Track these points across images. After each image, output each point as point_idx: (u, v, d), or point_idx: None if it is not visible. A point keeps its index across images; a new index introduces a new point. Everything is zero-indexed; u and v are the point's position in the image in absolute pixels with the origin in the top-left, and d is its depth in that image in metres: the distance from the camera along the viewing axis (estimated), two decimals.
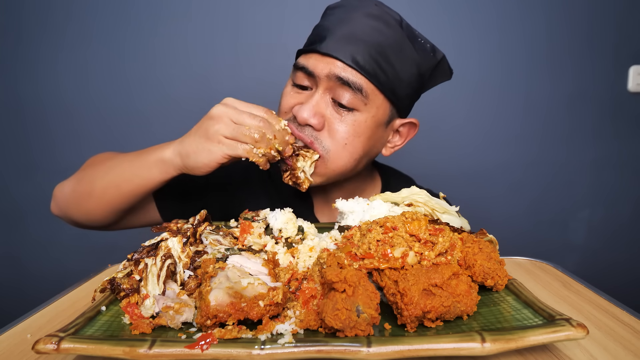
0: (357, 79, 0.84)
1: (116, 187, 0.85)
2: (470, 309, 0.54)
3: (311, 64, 0.86)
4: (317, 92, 0.87)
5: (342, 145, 0.87)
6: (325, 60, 0.84)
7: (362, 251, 0.58)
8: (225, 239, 0.68)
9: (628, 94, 1.83)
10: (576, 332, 0.47)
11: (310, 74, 0.86)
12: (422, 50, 0.90)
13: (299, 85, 0.90)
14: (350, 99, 0.85)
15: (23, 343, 0.57)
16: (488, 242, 0.63)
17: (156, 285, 0.58)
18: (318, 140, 0.87)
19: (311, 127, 0.87)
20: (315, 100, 0.86)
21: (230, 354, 0.45)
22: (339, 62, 0.83)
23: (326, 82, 0.85)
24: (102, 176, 0.88)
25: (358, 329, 0.48)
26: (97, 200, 0.88)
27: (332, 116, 0.87)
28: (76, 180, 0.92)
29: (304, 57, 0.89)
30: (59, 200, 0.94)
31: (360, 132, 0.88)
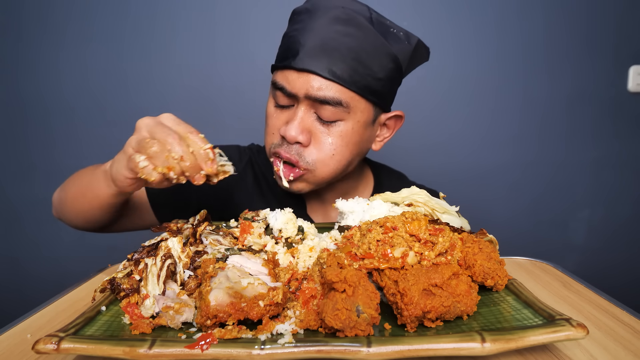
0: (334, 94, 0.83)
1: (82, 197, 0.84)
2: (470, 309, 0.54)
3: (289, 84, 0.85)
4: (299, 109, 0.87)
5: (330, 156, 0.89)
6: (301, 77, 0.83)
7: (362, 251, 0.58)
8: (225, 239, 0.68)
9: (628, 94, 1.83)
10: (576, 332, 0.47)
11: (290, 94, 0.86)
12: (396, 42, 0.88)
13: (280, 105, 0.90)
14: (332, 113, 0.85)
15: (23, 343, 0.57)
16: (488, 242, 0.63)
17: (156, 285, 0.58)
18: (302, 157, 0.88)
19: (299, 145, 0.88)
20: (299, 118, 0.87)
21: (230, 354, 0.45)
22: (315, 76, 0.82)
23: (306, 100, 0.86)
24: (71, 187, 0.90)
25: (358, 329, 0.48)
26: (70, 208, 0.90)
27: (318, 130, 0.88)
28: (60, 190, 0.95)
29: (280, 75, 0.88)
30: (54, 205, 0.98)
31: (347, 141, 0.89)
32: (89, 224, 0.91)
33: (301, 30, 0.85)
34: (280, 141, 0.90)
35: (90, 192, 0.81)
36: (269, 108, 0.94)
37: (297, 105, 0.87)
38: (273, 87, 0.90)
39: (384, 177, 1.16)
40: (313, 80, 0.83)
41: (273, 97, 0.92)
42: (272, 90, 0.91)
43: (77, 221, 0.92)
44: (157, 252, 0.62)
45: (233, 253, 0.62)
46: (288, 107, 0.90)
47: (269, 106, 0.94)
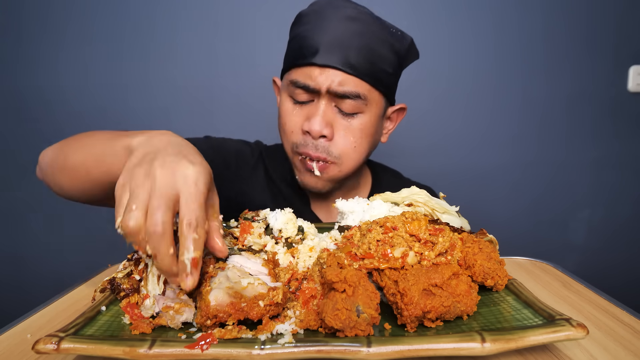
0: (354, 88, 0.89)
1: (85, 169, 0.75)
2: (470, 309, 0.54)
3: (311, 80, 0.89)
4: (321, 103, 0.90)
5: (352, 148, 0.94)
6: (323, 72, 0.88)
7: (362, 251, 0.58)
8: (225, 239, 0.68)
9: (628, 94, 1.83)
10: (576, 332, 0.47)
11: (311, 90, 0.89)
12: (395, 39, 0.93)
13: (300, 101, 0.93)
14: (353, 106, 0.90)
15: (23, 343, 0.57)
16: (488, 242, 0.63)
17: (156, 285, 0.58)
18: (329, 152, 0.92)
19: (324, 138, 0.91)
20: (322, 112, 0.90)
21: (230, 354, 0.45)
22: (337, 70, 0.87)
23: (327, 95, 0.90)
24: (75, 152, 0.78)
25: (358, 329, 0.48)
26: (69, 176, 0.78)
27: (340, 124, 0.92)
28: (55, 150, 0.82)
29: (299, 72, 0.90)
30: (41, 166, 0.86)
31: (366, 133, 0.94)
32: (85, 196, 0.81)
33: (314, 29, 0.89)
34: (303, 139, 0.93)
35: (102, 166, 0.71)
36: (286, 107, 0.95)
37: (318, 100, 0.91)
38: (291, 85, 0.92)
39: (380, 174, 1.20)
40: (334, 74, 0.87)
41: (290, 95, 0.94)
42: (289, 88, 0.93)
43: (72, 191, 0.81)
44: None
45: (233, 253, 0.62)
46: (307, 103, 0.92)
47: (285, 105, 0.95)
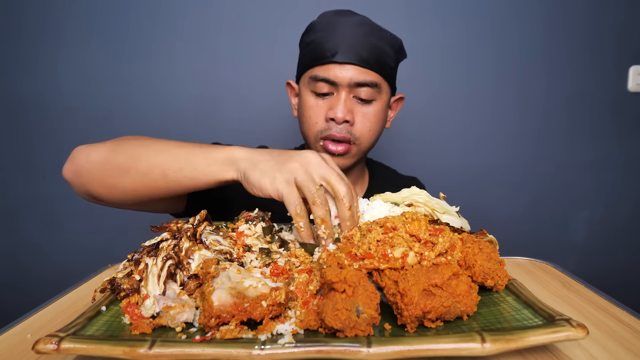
0: (371, 77, 1.04)
1: (163, 172, 0.78)
2: (471, 309, 0.54)
3: (332, 75, 1.03)
4: (341, 94, 1.05)
5: (367, 131, 1.09)
6: (343, 68, 1.03)
7: (362, 251, 0.58)
8: (225, 240, 0.68)
9: (628, 94, 1.83)
10: (576, 333, 0.47)
11: (332, 82, 1.04)
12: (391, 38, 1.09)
13: (320, 93, 1.06)
14: (370, 93, 1.05)
15: (23, 343, 0.57)
16: (488, 243, 0.63)
17: (156, 286, 0.58)
18: (352, 134, 1.07)
19: (346, 123, 1.05)
20: (343, 101, 1.04)
21: (230, 354, 0.45)
22: (355, 66, 1.03)
23: (347, 87, 1.04)
24: (150, 156, 0.80)
25: (358, 329, 0.48)
26: (134, 179, 0.80)
27: (358, 111, 1.07)
28: (110, 151, 0.83)
29: (321, 69, 1.05)
30: (79, 167, 0.84)
31: (379, 118, 1.10)
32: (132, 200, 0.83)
33: (330, 35, 1.04)
34: (327, 126, 1.06)
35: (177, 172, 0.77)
36: (309, 101, 1.08)
37: (338, 93, 1.05)
38: (313, 80, 1.06)
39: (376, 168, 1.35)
40: (353, 69, 1.03)
41: (311, 90, 1.08)
42: (310, 84, 1.07)
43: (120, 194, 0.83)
44: (158, 252, 0.62)
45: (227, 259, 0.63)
46: (327, 95, 1.06)
47: (308, 99, 1.08)
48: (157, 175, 0.78)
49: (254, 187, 0.72)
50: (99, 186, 0.83)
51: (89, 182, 0.84)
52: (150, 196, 0.83)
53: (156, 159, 0.79)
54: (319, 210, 0.68)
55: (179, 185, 0.79)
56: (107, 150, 0.83)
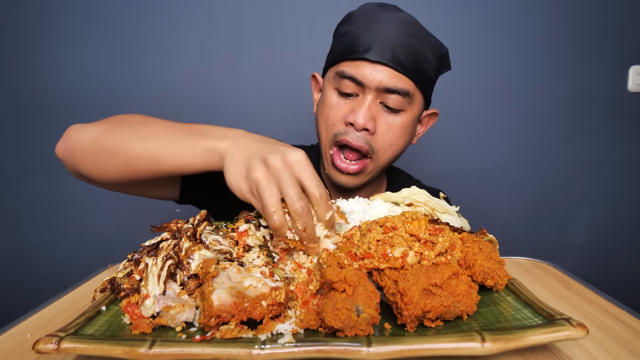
0: (404, 85, 0.92)
1: (152, 158, 0.76)
2: (470, 308, 0.54)
3: (360, 73, 0.92)
4: (367, 98, 0.93)
5: (388, 145, 0.97)
6: (374, 67, 0.91)
7: (362, 251, 0.58)
8: (225, 239, 0.68)
9: (628, 94, 1.83)
10: (576, 332, 0.47)
11: (359, 82, 0.92)
12: (436, 45, 0.98)
13: (344, 93, 0.95)
14: (399, 102, 0.93)
15: (23, 343, 0.57)
16: (488, 242, 0.63)
17: (156, 285, 0.58)
18: (370, 145, 0.95)
19: (366, 132, 0.93)
20: (367, 106, 0.93)
21: (231, 353, 0.45)
22: (388, 67, 0.91)
23: (375, 91, 0.92)
24: (139, 141, 0.78)
25: (358, 329, 0.48)
26: (123, 162, 0.79)
27: (383, 120, 0.95)
28: (103, 132, 0.81)
29: (350, 65, 0.93)
30: (72, 145, 0.83)
31: (404, 131, 0.98)
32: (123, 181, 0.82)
33: (367, 28, 0.93)
34: (345, 129, 0.94)
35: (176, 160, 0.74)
36: (330, 99, 0.97)
37: (364, 95, 0.94)
38: (339, 76, 0.94)
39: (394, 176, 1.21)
40: (385, 71, 0.91)
41: (335, 87, 0.96)
42: (335, 80, 0.96)
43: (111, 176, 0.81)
44: (158, 252, 0.62)
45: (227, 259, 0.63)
46: (352, 96, 0.95)
47: (330, 97, 0.97)
48: (147, 160, 0.77)
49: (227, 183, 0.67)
50: (90, 167, 0.82)
51: (81, 162, 0.82)
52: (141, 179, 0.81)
53: (146, 144, 0.77)
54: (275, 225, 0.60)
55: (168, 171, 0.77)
56: (100, 131, 0.81)
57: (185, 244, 0.64)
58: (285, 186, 0.59)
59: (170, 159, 0.75)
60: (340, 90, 0.95)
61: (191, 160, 0.73)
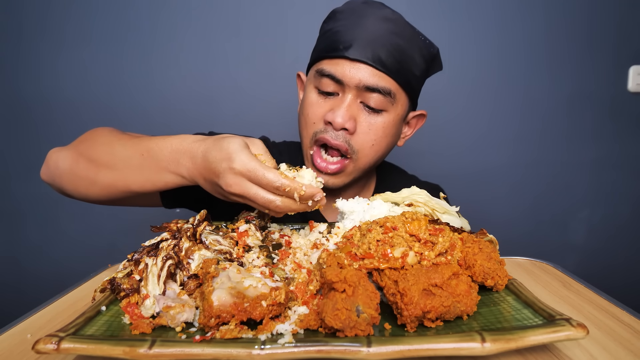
0: (385, 83, 0.89)
1: (126, 186, 0.81)
2: (470, 309, 0.54)
3: (339, 71, 0.89)
4: (347, 97, 0.90)
5: (370, 146, 0.93)
6: (354, 66, 0.88)
7: (362, 251, 0.58)
8: (225, 240, 0.68)
9: (628, 94, 1.83)
10: (576, 332, 0.47)
11: (339, 81, 0.90)
12: (424, 44, 0.95)
13: (324, 92, 0.93)
14: (380, 102, 0.90)
15: (23, 343, 0.57)
16: (488, 242, 0.63)
17: (156, 285, 0.58)
18: (350, 145, 0.92)
19: (345, 131, 0.91)
20: (347, 104, 0.90)
21: (230, 353, 0.45)
22: (368, 66, 0.88)
23: (355, 89, 0.90)
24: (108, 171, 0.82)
25: (358, 329, 0.48)
26: (100, 190, 0.83)
27: (363, 119, 0.92)
28: (76, 160, 0.85)
29: (329, 63, 0.91)
30: (53, 172, 0.88)
31: (387, 132, 0.94)
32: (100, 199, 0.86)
33: (349, 26, 0.90)
34: (324, 128, 0.92)
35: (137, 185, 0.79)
36: (310, 98, 0.95)
37: (344, 94, 0.91)
38: (318, 75, 0.92)
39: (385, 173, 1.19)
40: (366, 70, 0.88)
41: (315, 86, 0.94)
42: (315, 78, 0.94)
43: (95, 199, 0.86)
44: (158, 252, 0.62)
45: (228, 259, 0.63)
46: (332, 95, 0.93)
47: (310, 96, 0.95)
48: (123, 188, 0.81)
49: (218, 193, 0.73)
50: (74, 192, 0.87)
51: (63, 187, 0.87)
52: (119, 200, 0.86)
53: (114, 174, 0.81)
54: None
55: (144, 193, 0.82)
56: (74, 157, 0.85)
57: (185, 244, 0.64)
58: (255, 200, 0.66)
59: (143, 187, 0.80)
60: (320, 89, 0.93)
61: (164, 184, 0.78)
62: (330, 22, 0.96)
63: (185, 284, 0.59)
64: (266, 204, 0.66)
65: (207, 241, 0.66)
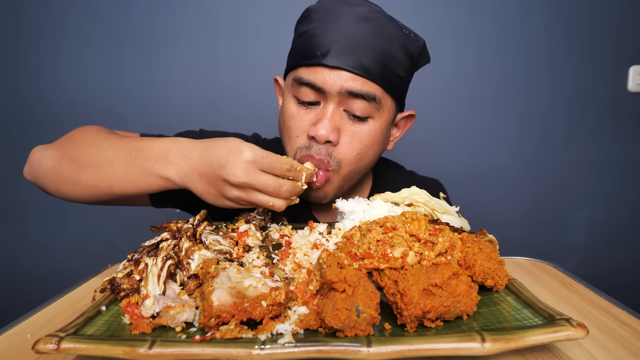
0: (369, 89, 0.83)
1: (108, 187, 0.79)
2: (470, 309, 0.54)
3: (319, 79, 0.83)
4: (329, 106, 0.84)
5: (355, 155, 0.87)
6: (334, 73, 0.82)
7: (362, 251, 0.58)
8: (225, 240, 0.68)
9: (628, 94, 1.83)
10: (576, 332, 0.47)
11: (319, 89, 0.83)
12: (409, 41, 0.88)
13: (305, 102, 0.86)
14: (365, 108, 0.84)
15: (23, 343, 0.57)
16: (488, 242, 0.63)
17: (156, 285, 0.58)
18: (332, 157, 0.86)
19: (328, 144, 0.85)
20: (329, 115, 0.84)
21: (230, 354, 0.45)
22: (348, 72, 0.82)
23: (337, 97, 0.83)
24: (91, 170, 0.79)
25: (358, 329, 0.48)
26: (82, 191, 0.81)
27: (347, 129, 0.86)
28: (60, 159, 0.82)
29: (307, 71, 0.84)
30: (35, 170, 0.85)
31: (373, 140, 0.88)
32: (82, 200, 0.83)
33: (326, 28, 0.83)
34: (308, 143, 0.86)
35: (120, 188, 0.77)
36: (290, 109, 0.88)
37: (325, 103, 0.85)
38: (296, 83, 0.86)
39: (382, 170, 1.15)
40: (347, 75, 0.82)
41: (294, 95, 0.88)
42: (294, 87, 0.87)
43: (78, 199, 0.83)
44: (158, 252, 0.62)
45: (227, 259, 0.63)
46: (313, 105, 0.87)
47: (290, 107, 0.88)
48: (105, 190, 0.79)
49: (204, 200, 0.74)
50: (56, 192, 0.85)
51: (47, 187, 0.85)
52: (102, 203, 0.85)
53: (97, 174, 0.78)
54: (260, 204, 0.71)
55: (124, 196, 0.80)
56: (57, 156, 0.82)
57: (185, 244, 0.64)
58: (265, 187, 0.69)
59: (126, 189, 0.78)
60: (299, 99, 0.87)
61: (147, 187, 0.76)
62: (305, 23, 0.89)
63: (185, 284, 0.59)
64: (277, 189, 0.69)
65: (207, 241, 0.66)
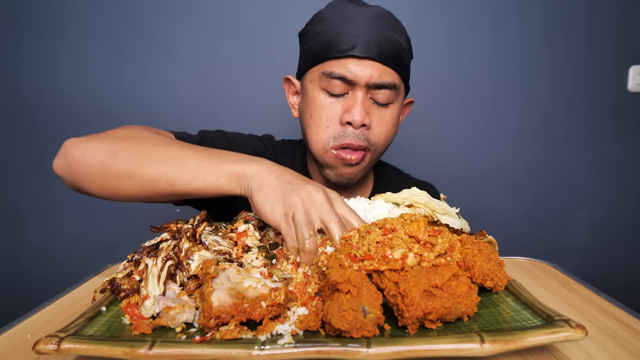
0: (391, 78, 0.94)
1: (169, 182, 0.74)
2: (471, 310, 0.54)
3: (350, 72, 0.92)
4: (358, 95, 0.94)
5: (383, 137, 0.99)
6: (362, 63, 0.92)
7: (362, 252, 0.58)
8: (224, 240, 0.68)
9: (628, 94, 1.83)
10: (575, 333, 0.47)
11: (350, 81, 0.92)
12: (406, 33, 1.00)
13: (335, 94, 0.95)
14: (388, 96, 0.96)
15: (23, 343, 0.57)
16: (487, 244, 0.63)
17: (156, 286, 0.58)
18: (369, 140, 0.97)
19: (363, 127, 0.95)
20: (361, 102, 0.93)
21: (230, 354, 0.46)
22: (376, 62, 0.92)
23: (365, 87, 0.93)
24: (155, 164, 0.75)
25: (365, 330, 0.48)
26: (135, 186, 0.76)
27: (375, 114, 0.97)
28: (110, 154, 0.77)
29: (336, 64, 0.93)
30: (73, 165, 0.80)
31: (394, 122, 1.01)
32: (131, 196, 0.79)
33: (346, 25, 0.92)
34: (343, 131, 0.95)
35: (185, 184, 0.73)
36: (320, 100, 0.96)
37: (353, 92, 0.94)
38: (326, 77, 0.94)
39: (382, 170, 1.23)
40: (372, 66, 0.92)
41: (323, 88, 0.96)
42: (322, 80, 0.95)
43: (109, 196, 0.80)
44: (158, 252, 0.62)
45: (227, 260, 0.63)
46: (341, 96, 0.95)
47: (319, 99, 0.96)
48: (164, 185, 0.75)
49: (255, 210, 0.69)
50: (96, 187, 0.80)
51: (84, 182, 0.80)
52: (154, 200, 0.81)
53: (162, 167, 0.74)
54: (305, 258, 0.62)
55: (186, 194, 0.76)
56: (106, 152, 0.78)
57: (185, 245, 0.64)
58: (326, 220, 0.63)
59: (190, 184, 0.73)
60: (329, 92, 0.95)
61: (214, 184, 0.72)
62: (320, 24, 0.96)
63: (185, 285, 0.59)
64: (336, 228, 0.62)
65: (207, 242, 0.66)
